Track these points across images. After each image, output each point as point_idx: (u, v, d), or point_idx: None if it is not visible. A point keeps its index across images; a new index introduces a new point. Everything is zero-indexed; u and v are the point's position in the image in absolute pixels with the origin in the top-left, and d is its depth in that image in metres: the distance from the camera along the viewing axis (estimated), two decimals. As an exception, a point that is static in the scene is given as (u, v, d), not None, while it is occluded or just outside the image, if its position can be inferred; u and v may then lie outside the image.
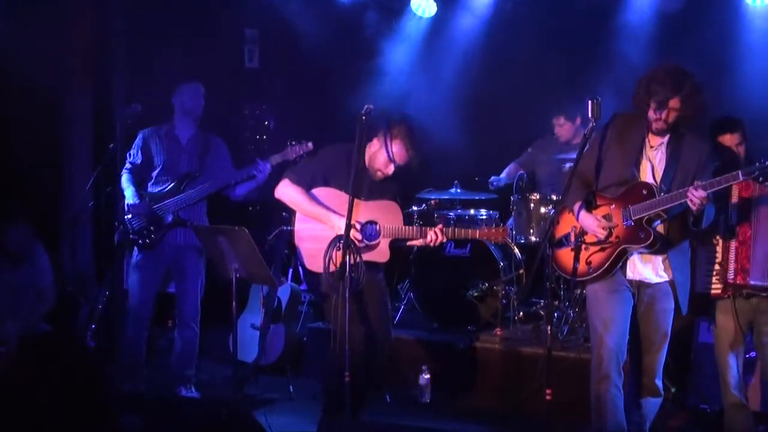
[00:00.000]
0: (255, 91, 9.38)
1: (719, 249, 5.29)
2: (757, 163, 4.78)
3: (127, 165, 7.00)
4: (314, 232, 5.65)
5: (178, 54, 8.14)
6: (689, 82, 4.99)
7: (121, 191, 6.94)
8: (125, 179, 6.95)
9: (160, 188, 6.87)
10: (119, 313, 7.44)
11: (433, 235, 5.58)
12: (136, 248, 6.92)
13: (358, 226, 5.53)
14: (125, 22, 8.12)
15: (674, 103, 4.98)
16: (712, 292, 5.32)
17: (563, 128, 8.35)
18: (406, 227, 5.65)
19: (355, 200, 5.37)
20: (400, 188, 5.83)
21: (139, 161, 6.96)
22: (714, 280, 5.30)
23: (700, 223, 4.97)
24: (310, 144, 6.76)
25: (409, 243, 5.78)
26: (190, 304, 6.95)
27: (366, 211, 5.61)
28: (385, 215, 5.66)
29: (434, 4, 9.46)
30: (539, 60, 8.76)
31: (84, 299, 7.74)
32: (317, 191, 5.69)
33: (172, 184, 6.84)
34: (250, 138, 9.47)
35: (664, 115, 5.01)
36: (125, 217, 6.86)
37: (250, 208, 9.13)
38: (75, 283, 8.05)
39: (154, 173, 6.92)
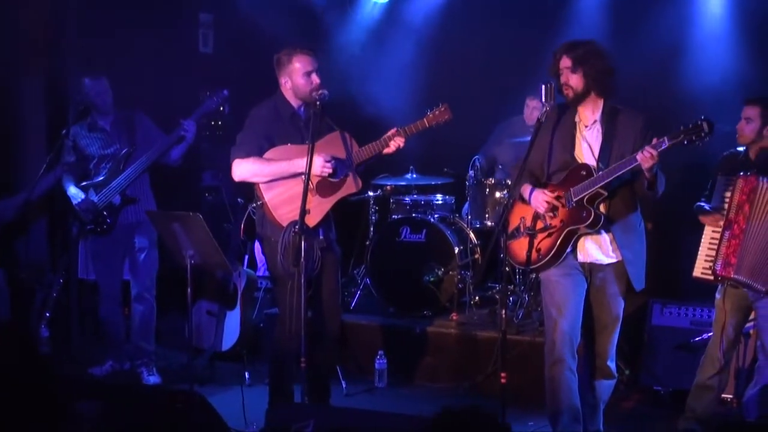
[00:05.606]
0: (209, 76, 9.30)
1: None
2: (682, 127, 4.76)
3: (63, 167, 7.01)
4: (286, 193, 5.56)
5: (131, 38, 8.05)
6: (583, 45, 5.11)
7: (65, 193, 6.98)
8: (63, 181, 7.00)
9: (101, 177, 6.93)
10: (75, 301, 7.49)
11: (397, 142, 5.66)
12: (91, 237, 6.99)
13: (328, 159, 5.48)
14: (78, 5, 8.03)
15: (565, 62, 5.08)
16: (705, 277, 5.38)
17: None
18: (366, 147, 5.66)
19: (306, 147, 5.35)
20: (331, 120, 5.76)
21: (72, 159, 7.01)
22: (708, 266, 5.34)
23: (655, 186, 4.97)
24: (225, 91, 6.94)
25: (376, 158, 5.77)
26: (142, 276, 7.02)
27: (321, 151, 5.50)
28: (339, 146, 5.63)
29: (390, -12, 9.46)
30: (496, 43, 8.76)
31: (38, 287, 7.67)
32: (268, 154, 5.60)
33: (110, 168, 6.90)
34: (205, 124, 9.40)
35: (563, 79, 5.09)
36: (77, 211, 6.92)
37: (207, 195, 9.08)
38: (29, 270, 7.96)
39: (92, 165, 6.99)
